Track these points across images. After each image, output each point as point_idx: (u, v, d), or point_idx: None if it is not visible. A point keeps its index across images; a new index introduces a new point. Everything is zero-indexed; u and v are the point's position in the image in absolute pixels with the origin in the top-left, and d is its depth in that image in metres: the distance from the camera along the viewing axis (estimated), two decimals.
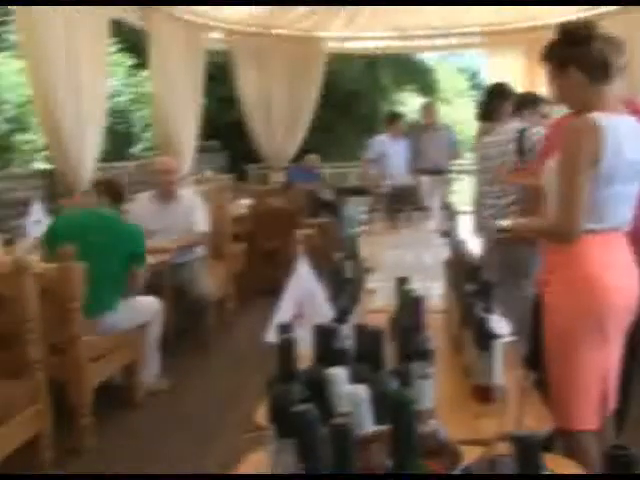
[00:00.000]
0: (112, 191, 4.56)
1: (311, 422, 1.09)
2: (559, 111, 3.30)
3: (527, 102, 4.67)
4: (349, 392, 1.40)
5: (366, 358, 1.60)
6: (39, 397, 3.48)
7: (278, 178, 9.80)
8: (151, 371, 4.72)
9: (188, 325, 5.65)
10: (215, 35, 9.55)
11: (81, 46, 6.55)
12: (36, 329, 3.38)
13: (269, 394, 1.42)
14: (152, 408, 4.53)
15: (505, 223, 2.87)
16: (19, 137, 10.09)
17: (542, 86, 3.23)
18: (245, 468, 1.67)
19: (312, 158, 9.83)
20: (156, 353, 4.78)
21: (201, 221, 5.55)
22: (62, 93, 6.34)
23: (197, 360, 5.40)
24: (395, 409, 1.11)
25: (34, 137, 9.61)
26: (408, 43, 11.05)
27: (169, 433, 4.18)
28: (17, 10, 6.13)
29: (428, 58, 20.53)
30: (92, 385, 4.03)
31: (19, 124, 10.19)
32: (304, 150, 10.05)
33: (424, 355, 1.74)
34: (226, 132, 11.95)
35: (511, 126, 4.40)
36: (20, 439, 3.35)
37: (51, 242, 4.23)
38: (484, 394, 2.04)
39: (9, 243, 4.42)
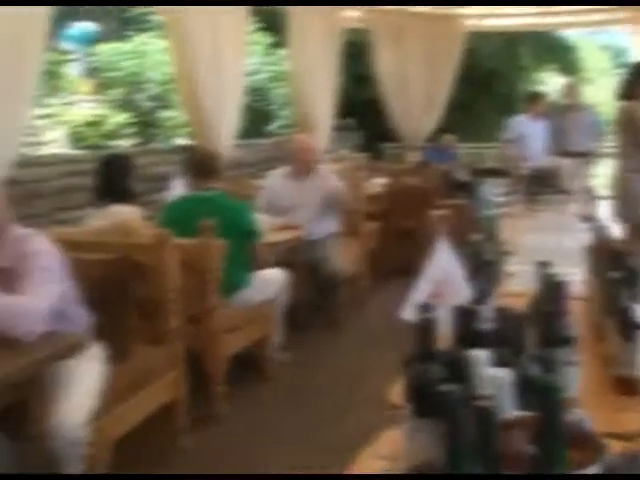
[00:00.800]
0: (205, 169, 4.59)
1: (456, 403, 1.07)
2: None
3: None
4: (492, 375, 1.37)
5: (507, 342, 1.56)
6: (177, 364, 3.60)
7: (414, 157, 9.71)
8: (276, 342, 4.80)
9: (320, 301, 5.71)
10: (353, 13, 9.54)
11: (223, 26, 6.68)
12: (176, 299, 3.50)
13: (407, 373, 1.40)
14: (282, 381, 4.62)
15: None
16: (162, 114, 10.42)
17: None
18: (379, 446, 1.67)
19: (448, 137, 9.70)
20: (281, 325, 4.86)
21: (340, 187, 5.59)
22: (204, 72, 6.49)
23: (328, 336, 5.46)
24: (542, 395, 1.07)
25: (176, 114, 9.89)
26: (550, 20, 10.68)
27: (298, 406, 4.25)
28: None
29: (570, 35, 19.73)
30: (226, 355, 4.14)
31: (162, 101, 10.52)
32: (441, 129, 9.92)
33: (567, 341, 1.68)
34: (362, 110, 11.92)
35: None
36: (158, 403, 3.48)
37: (167, 222, 4.35)
38: (627, 386, 1.95)
39: (151, 218, 4.59)
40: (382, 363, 4.45)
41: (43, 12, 4.24)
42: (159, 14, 7.67)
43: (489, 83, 15.24)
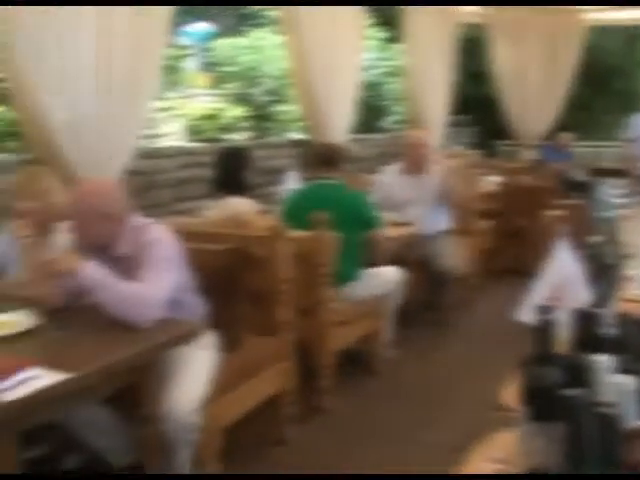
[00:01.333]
0: (326, 159, 4.67)
1: (580, 408, 1.04)
2: None
3: None
4: (616, 382, 1.32)
5: (629, 348, 1.51)
6: (286, 356, 3.64)
7: (529, 156, 9.50)
8: (384, 340, 4.78)
9: (430, 298, 5.66)
10: (469, 8, 9.39)
11: (339, 21, 6.70)
12: (288, 291, 3.53)
13: (524, 375, 1.37)
14: (389, 376, 4.61)
15: None
16: (276, 108, 10.54)
17: None
18: (490, 448, 1.64)
19: (565, 136, 9.41)
20: (392, 323, 4.83)
21: (453, 184, 5.53)
22: (319, 66, 6.54)
23: (436, 334, 5.42)
24: None
25: (290, 108, 9.98)
26: None
27: (404, 403, 4.23)
28: None
29: None
30: (335, 349, 4.16)
31: (277, 95, 10.64)
32: (558, 127, 9.65)
33: None
34: (477, 107, 11.73)
35: None
36: (268, 392, 3.53)
37: (288, 213, 4.44)
38: None
39: (265, 211, 4.68)
40: (491, 363, 4.40)
41: (164, 10, 4.38)
42: (276, 10, 7.75)
43: (609, 80, 14.71)
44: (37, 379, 2.20)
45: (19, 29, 3.72)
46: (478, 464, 1.56)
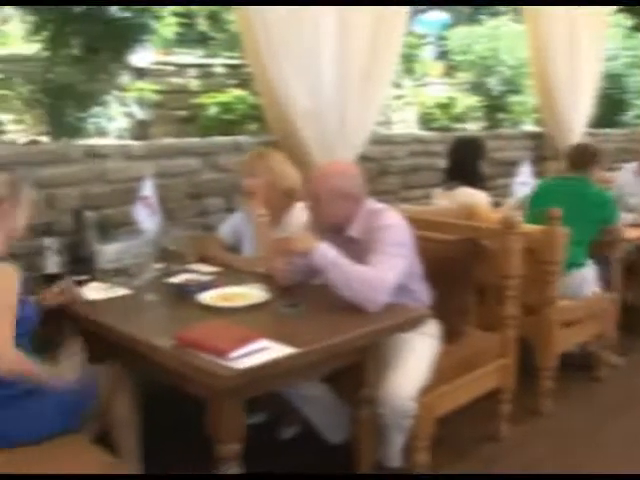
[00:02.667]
0: (574, 158, 4.58)
1: None
2: None
3: None
4: None
5: None
6: (508, 353, 3.55)
7: None
8: (610, 345, 4.53)
9: None
10: None
11: (580, 7, 6.42)
12: (515, 287, 3.45)
13: None
14: (614, 385, 4.40)
15: None
16: (511, 98, 10.30)
17: None
18: None
19: None
20: (615, 325, 4.58)
21: None
22: (558, 56, 6.31)
23: None
24: None
25: (525, 99, 9.72)
26: None
27: (629, 415, 4.01)
28: None
29: None
30: (559, 350, 4.01)
31: (512, 86, 10.39)
32: None
33: None
34: None
35: None
36: (485, 388, 3.47)
37: (531, 205, 4.34)
38: None
39: (498, 204, 4.61)
40: None
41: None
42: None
43: None
44: (267, 351, 2.31)
45: (264, 22, 3.88)
46: None
